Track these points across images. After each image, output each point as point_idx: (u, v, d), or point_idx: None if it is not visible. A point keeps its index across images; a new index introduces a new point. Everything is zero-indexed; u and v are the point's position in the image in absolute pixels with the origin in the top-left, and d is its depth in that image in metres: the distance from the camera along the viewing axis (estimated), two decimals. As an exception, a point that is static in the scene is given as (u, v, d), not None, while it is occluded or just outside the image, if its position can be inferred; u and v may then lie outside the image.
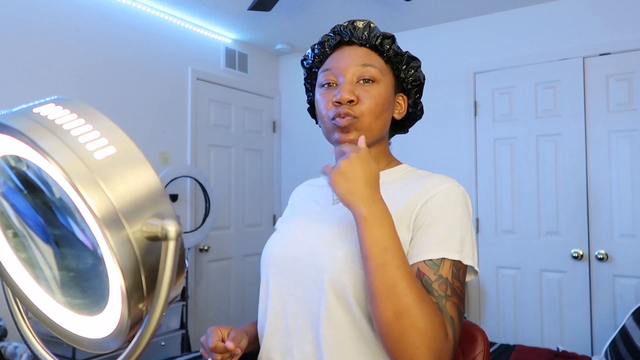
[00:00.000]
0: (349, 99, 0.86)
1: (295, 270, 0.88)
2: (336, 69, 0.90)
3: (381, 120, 0.90)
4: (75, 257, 0.42)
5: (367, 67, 0.89)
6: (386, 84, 0.91)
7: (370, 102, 0.87)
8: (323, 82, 0.92)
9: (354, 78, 0.89)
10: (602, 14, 2.80)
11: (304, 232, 0.92)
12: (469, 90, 3.18)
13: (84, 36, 2.69)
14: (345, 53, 0.92)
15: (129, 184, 0.37)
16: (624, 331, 2.27)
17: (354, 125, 0.87)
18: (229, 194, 3.58)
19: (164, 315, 0.40)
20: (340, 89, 0.88)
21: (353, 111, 0.87)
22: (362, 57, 0.91)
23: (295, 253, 0.89)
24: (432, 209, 0.82)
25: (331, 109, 0.88)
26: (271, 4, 2.50)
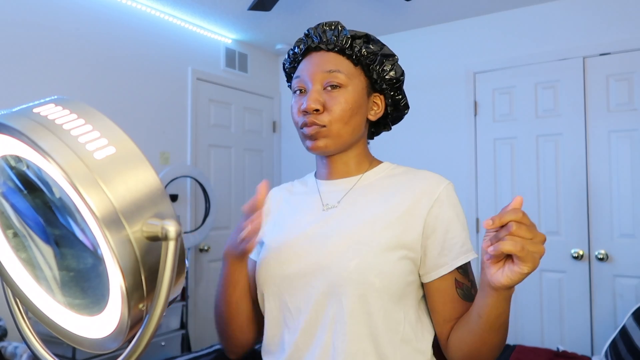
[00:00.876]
0: (314, 107, 0.85)
1: (302, 287, 0.85)
2: (304, 76, 0.90)
3: (351, 126, 0.89)
4: (75, 257, 0.42)
5: (332, 73, 0.87)
6: (355, 88, 0.89)
7: (337, 108, 0.86)
8: (295, 89, 0.91)
9: (321, 85, 0.88)
10: (602, 14, 2.80)
11: (303, 245, 0.88)
12: (469, 90, 3.18)
13: (84, 36, 2.69)
14: (313, 59, 0.91)
15: (129, 184, 0.37)
16: (624, 331, 2.27)
17: (322, 133, 0.86)
18: (229, 194, 3.58)
19: (164, 315, 0.40)
20: (307, 98, 0.87)
21: (319, 120, 0.86)
22: (328, 62, 0.89)
23: (299, 269, 0.86)
24: (442, 214, 0.84)
25: (300, 117, 0.88)
26: (271, 4, 2.50)
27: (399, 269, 0.82)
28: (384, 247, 0.82)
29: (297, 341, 0.85)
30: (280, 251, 0.90)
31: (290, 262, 0.87)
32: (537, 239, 0.63)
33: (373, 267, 0.80)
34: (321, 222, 0.90)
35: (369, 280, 0.80)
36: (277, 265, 0.89)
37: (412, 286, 0.85)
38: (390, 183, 0.90)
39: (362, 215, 0.87)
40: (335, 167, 0.94)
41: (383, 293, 0.80)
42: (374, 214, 0.86)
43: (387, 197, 0.88)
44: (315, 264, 0.84)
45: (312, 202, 0.95)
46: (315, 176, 1.00)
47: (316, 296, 0.83)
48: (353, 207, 0.89)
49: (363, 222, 0.85)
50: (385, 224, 0.84)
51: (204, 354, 2.37)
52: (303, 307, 0.85)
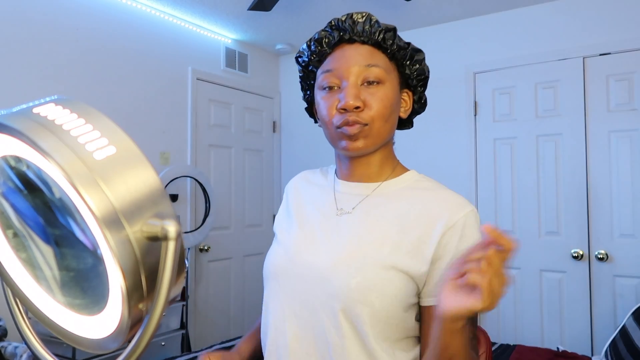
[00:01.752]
0: (355, 105, 0.80)
1: (301, 291, 0.83)
2: (338, 71, 0.83)
3: (390, 123, 0.85)
4: (75, 257, 0.42)
5: (371, 68, 0.82)
6: (392, 83, 0.85)
7: (378, 106, 0.81)
8: (324, 85, 0.85)
9: (359, 80, 0.82)
10: (602, 14, 2.80)
11: (309, 250, 0.86)
12: (469, 90, 3.18)
13: (84, 36, 2.69)
14: (347, 52, 0.84)
15: (129, 184, 0.37)
16: (624, 331, 2.27)
17: (364, 133, 0.81)
18: (229, 194, 3.58)
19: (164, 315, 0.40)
20: (345, 94, 0.81)
21: (361, 118, 0.81)
22: (366, 56, 0.83)
23: (301, 273, 0.84)
24: (452, 243, 0.79)
25: (336, 115, 0.82)
26: (271, 4, 2.50)
27: (401, 293, 0.79)
28: (388, 269, 0.79)
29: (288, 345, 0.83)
30: (288, 248, 0.89)
31: (295, 262, 0.86)
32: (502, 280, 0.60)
33: (375, 288, 0.78)
34: (332, 228, 0.86)
35: (369, 300, 0.77)
36: (283, 262, 0.88)
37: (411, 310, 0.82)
38: (409, 198, 0.85)
39: (373, 230, 0.83)
40: (357, 168, 0.89)
41: (381, 312, 0.78)
42: (385, 233, 0.82)
43: (403, 216, 0.83)
44: (317, 272, 0.82)
45: (327, 203, 0.91)
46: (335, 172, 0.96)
47: (313, 304, 0.81)
48: (366, 217, 0.85)
49: (373, 239, 0.82)
50: (394, 246, 0.80)
51: (204, 354, 2.36)
52: (297, 311, 0.83)
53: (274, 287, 0.88)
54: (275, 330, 0.86)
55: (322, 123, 0.87)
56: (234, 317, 3.58)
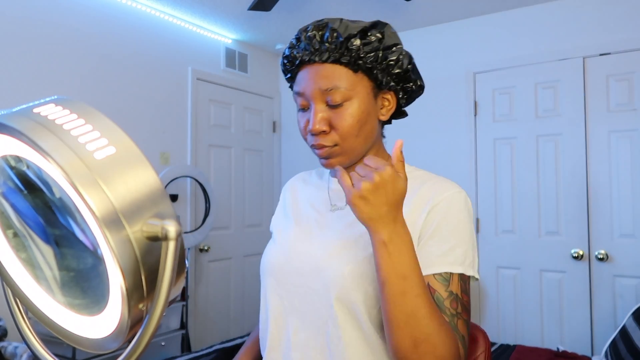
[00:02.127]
0: (320, 129, 0.81)
1: (298, 285, 0.85)
2: (304, 94, 0.84)
3: (363, 135, 0.84)
4: (75, 257, 0.42)
5: (330, 92, 0.81)
6: (360, 97, 0.82)
7: (343, 125, 0.81)
8: (298, 106, 0.87)
9: (323, 102, 0.82)
10: (602, 14, 2.80)
11: (304, 244, 0.88)
12: (469, 90, 3.18)
13: (84, 36, 2.69)
14: (309, 74, 0.83)
15: (129, 184, 0.37)
16: (624, 331, 2.27)
17: (335, 152, 0.83)
18: (229, 194, 3.58)
19: (164, 315, 0.40)
20: (311, 118, 0.82)
21: (328, 141, 0.82)
22: (324, 79, 0.81)
23: (297, 266, 0.86)
24: (435, 219, 0.79)
25: (308, 136, 0.85)
26: (271, 4, 2.50)
27: None
28: None
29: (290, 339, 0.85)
30: (284, 246, 0.91)
31: (291, 259, 0.88)
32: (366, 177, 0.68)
33: (367, 274, 0.79)
34: (326, 222, 0.89)
35: (362, 287, 0.79)
36: (279, 260, 0.90)
37: None
38: None
39: None
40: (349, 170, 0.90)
41: (375, 300, 0.80)
42: None
43: None
44: (313, 264, 0.84)
45: (321, 200, 0.94)
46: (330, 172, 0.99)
47: (311, 296, 0.84)
48: None
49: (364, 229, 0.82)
50: None
51: (204, 354, 2.37)
52: (297, 305, 0.85)
53: (272, 284, 0.90)
54: (276, 325, 0.88)
55: None
56: (234, 317, 3.58)
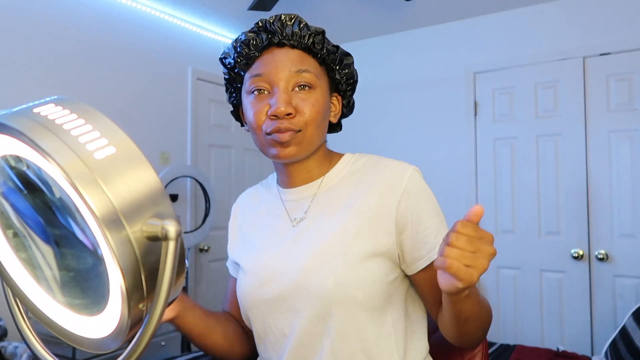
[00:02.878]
0: (287, 111, 0.77)
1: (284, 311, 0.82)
2: (268, 76, 0.80)
3: (322, 129, 0.83)
4: (75, 257, 0.42)
5: (302, 73, 0.80)
6: (322, 89, 0.83)
7: (310, 111, 0.79)
8: (253, 89, 0.82)
9: (289, 86, 0.80)
10: (602, 14, 2.80)
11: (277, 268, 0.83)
12: (469, 90, 3.18)
13: (84, 36, 2.69)
14: (277, 56, 0.81)
15: (129, 184, 0.37)
16: (624, 331, 2.27)
17: (296, 139, 0.79)
18: (229, 194, 3.58)
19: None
20: (276, 100, 0.78)
21: (294, 125, 0.78)
22: (296, 61, 0.81)
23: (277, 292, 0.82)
24: (411, 206, 0.80)
25: (266, 121, 0.79)
26: (271, 4, 2.50)
27: (379, 274, 0.79)
28: (359, 257, 0.78)
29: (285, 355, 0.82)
30: (257, 274, 0.86)
31: (268, 285, 0.83)
32: (480, 253, 0.59)
33: (352, 280, 0.77)
34: (292, 238, 0.85)
35: (351, 295, 0.76)
36: (255, 290, 0.85)
37: (395, 283, 0.82)
38: (354, 181, 0.85)
39: (331, 225, 0.82)
40: (297, 174, 0.88)
41: (367, 303, 0.78)
42: (343, 221, 0.81)
43: (354, 199, 0.83)
44: (292, 285, 0.80)
45: (279, 216, 0.90)
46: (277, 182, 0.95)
47: (300, 319, 0.80)
48: (321, 216, 0.84)
49: (334, 232, 0.81)
50: (356, 231, 0.80)
51: (204, 354, 2.37)
52: (287, 331, 0.82)
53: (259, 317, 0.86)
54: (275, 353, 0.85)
55: (250, 128, 0.84)
56: (234, 317, 3.58)
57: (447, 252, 0.59)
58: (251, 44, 0.83)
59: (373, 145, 3.45)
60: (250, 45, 0.83)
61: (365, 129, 3.47)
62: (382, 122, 3.45)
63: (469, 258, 0.59)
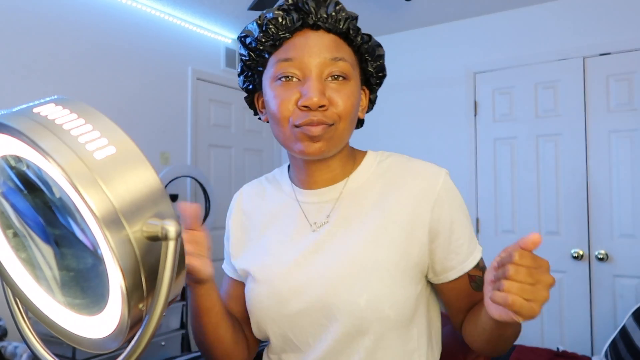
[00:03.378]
0: (320, 103, 0.69)
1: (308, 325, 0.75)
2: (299, 61, 0.71)
3: (353, 124, 0.76)
4: (75, 257, 0.42)
5: (338, 62, 0.72)
6: (356, 81, 0.76)
7: (345, 104, 0.72)
8: (280, 75, 0.72)
9: (323, 75, 0.72)
10: (602, 14, 2.80)
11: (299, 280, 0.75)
12: (469, 90, 3.18)
13: (84, 36, 2.69)
14: (311, 40, 0.72)
15: (129, 184, 0.37)
16: (624, 331, 2.27)
17: (328, 134, 0.71)
18: (229, 194, 3.57)
19: (164, 315, 0.40)
20: (308, 89, 0.70)
21: (327, 118, 0.70)
22: (331, 48, 0.72)
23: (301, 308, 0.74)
24: (444, 214, 0.75)
25: (295, 112, 0.71)
26: (271, 4, 2.50)
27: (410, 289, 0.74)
28: (392, 272, 0.72)
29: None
30: (274, 287, 0.77)
31: (289, 301, 0.75)
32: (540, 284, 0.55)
33: (386, 298, 0.71)
34: (313, 246, 0.77)
35: (383, 315, 0.71)
36: (274, 304, 0.77)
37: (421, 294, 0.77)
38: (382, 184, 0.79)
39: (360, 233, 0.75)
40: (319, 173, 0.80)
41: (398, 321, 0.73)
42: (374, 230, 0.75)
43: (383, 205, 0.76)
44: (319, 301, 0.73)
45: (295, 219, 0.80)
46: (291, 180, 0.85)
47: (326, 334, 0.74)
48: (346, 222, 0.77)
49: (364, 242, 0.74)
50: (389, 242, 0.73)
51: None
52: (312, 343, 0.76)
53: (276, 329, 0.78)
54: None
55: (272, 119, 0.74)
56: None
57: (508, 287, 0.55)
58: (280, 24, 0.73)
59: (373, 145, 3.42)
60: (280, 24, 0.73)
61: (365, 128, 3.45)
62: (382, 122, 3.45)
63: (529, 292, 0.54)
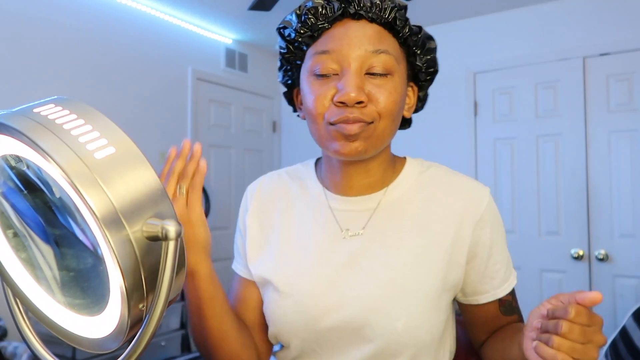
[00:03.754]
0: (358, 99, 0.64)
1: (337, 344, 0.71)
2: (338, 54, 0.66)
3: (395, 124, 0.70)
4: (75, 257, 0.42)
5: (380, 55, 0.66)
6: (401, 75, 0.69)
7: (386, 101, 0.66)
8: (317, 70, 0.67)
9: (363, 69, 0.66)
10: (602, 14, 2.80)
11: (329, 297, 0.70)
12: (469, 90, 3.18)
13: (84, 36, 2.69)
14: (350, 31, 0.66)
15: (129, 184, 0.37)
16: (624, 331, 2.27)
17: (366, 133, 0.66)
18: (229, 194, 3.58)
19: (164, 315, 0.40)
20: (345, 84, 0.64)
21: (365, 115, 0.65)
22: (373, 39, 0.66)
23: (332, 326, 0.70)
24: (485, 236, 0.72)
25: (331, 108, 0.66)
26: (271, 4, 2.50)
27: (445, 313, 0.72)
28: (432, 296, 0.69)
29: None
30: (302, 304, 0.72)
31: (320, 318, 0.70)
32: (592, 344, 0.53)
33: (424, 323, 0.69)
34: (347, 260, 0.71)
35: (420, 339, 0.68)
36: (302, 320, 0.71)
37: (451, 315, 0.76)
38: (424, 198, 0.74)
39: (399, 252, 0.70)
40: (357, 177, 0.74)
41: (431, 344, 0.71)
42: (414, 250, 0.70)
43: (424, 222, 0.72)
44: (353, 322, 0.69)
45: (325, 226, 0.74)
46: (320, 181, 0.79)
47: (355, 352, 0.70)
48: (383, 236, 0.72)
49: (404, 263, 0.70)
50: (431, 265, 0.70)
51: (204, 354, 2.36)
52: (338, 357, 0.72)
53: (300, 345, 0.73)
54: None
55: (308, 116, 0.69)
56: (234, 317, 3.58)
57: (558, 344, 0.52)
58: (320, 13, 0.68)
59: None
60: (319, 14, 0.68)
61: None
62: (382, 122, 3.45)
63: (580, 351, 0.52)
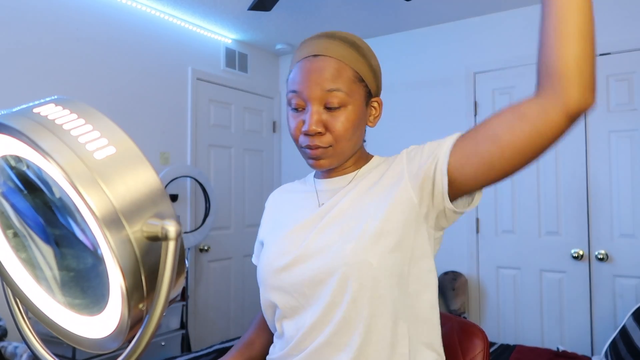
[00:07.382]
0: (317, 130, 0.83)
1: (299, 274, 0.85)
2: (302, 94, 0.85)
3: (354, 139, 0.88)
4: (75, 257, 0.42)
5: (333, 93, 0.83)
6: (356, 103, 0.86)
7: (340, 129, 0.84)
8: (292, 104, 0.88)
9: (321, 105, 0.84)
10: (602, 14, 2.80)
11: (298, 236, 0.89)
12: (469, 90, 3.18)
13: (84, 36, 2.69)
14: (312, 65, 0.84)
15: (129, 184, 0.37)
16: (624, 331, 2.27)
17: (327, 153, 0.86)
18: (229, 194, 3.58)
19: (164, 315, 0.40)
20: (307, 119, 0.84)
21: (323, 142, 0.85)
22: (328, 78, 0.83)
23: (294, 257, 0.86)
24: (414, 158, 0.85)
25: (300, 136, 0.86)
26: (271, 4, 2.50)
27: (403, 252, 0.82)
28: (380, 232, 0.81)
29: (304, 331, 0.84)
30: (277, 244, 0.91)
31: (287, 253, 0.88)
32: None
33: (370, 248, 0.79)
34: (315, 216, 0.90)
35: (367, 261, 0.78)
36: (275, 257, 0.89)
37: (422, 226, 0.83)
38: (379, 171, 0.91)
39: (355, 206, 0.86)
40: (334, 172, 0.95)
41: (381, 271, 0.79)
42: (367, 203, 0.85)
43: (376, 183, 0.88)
44: (310, 249, 0.84)
45: (309, 200, 0.95)
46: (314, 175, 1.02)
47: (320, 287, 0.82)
48: (347, 200, 0.89)
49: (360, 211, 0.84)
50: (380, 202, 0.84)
51: (203, 354, 2.37)
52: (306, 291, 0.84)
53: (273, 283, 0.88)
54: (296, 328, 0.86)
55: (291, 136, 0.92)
56: (234, 317, 3.58)
57: None
58: None
59: (372, 145, 3.43)
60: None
61: (365, 129, 3.46)
62: (382, 122, 3.43)
63: None
